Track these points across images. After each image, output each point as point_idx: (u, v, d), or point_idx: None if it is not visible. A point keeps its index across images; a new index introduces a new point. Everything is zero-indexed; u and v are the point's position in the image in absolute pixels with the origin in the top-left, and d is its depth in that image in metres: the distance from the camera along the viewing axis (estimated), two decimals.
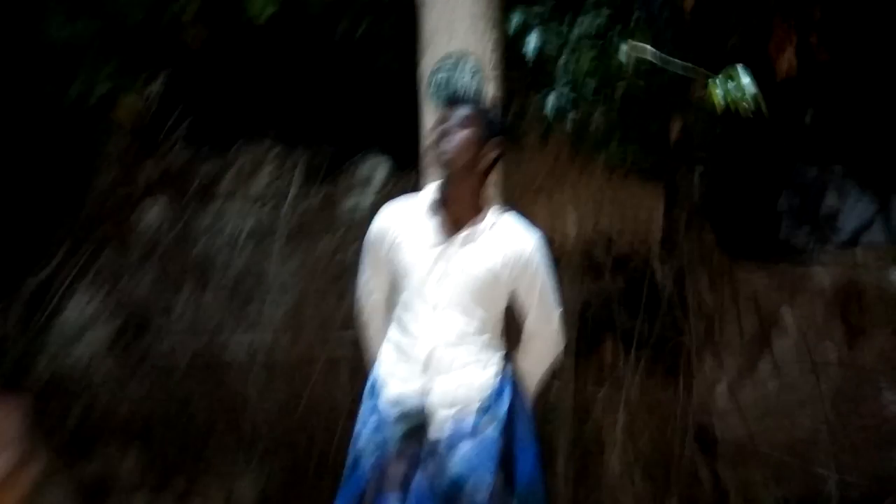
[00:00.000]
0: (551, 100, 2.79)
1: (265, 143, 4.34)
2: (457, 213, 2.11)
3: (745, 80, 1.95)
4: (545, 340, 2.24)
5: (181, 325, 3.81)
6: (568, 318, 3.13)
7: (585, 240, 3.36)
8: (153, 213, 4.28)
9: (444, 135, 2.09)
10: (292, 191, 4.01)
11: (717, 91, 1.93)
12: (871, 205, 4.46)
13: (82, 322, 3.99)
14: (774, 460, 3.24)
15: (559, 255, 3.39)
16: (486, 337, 2.16)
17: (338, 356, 3.39)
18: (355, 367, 2.97)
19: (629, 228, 3.26)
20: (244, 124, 4.40)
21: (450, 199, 2.12)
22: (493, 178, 2.38)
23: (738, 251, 3.40)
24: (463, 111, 2.11)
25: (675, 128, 2.94)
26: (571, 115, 2.85)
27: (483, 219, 2.12)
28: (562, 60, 2.71)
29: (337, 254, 3.36)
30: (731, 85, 1.93)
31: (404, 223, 2.15)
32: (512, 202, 2.60)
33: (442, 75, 2.44)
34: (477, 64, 2.42)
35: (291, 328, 3.62)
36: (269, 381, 3.60)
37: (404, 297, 2.17)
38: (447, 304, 2.10)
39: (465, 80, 2.41)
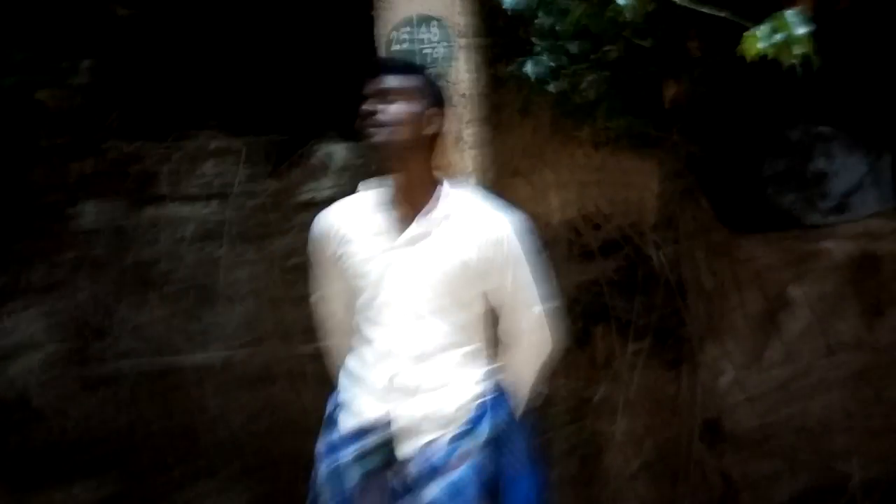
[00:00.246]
0: (529, 67, 2.39)
1: (206, 132, 3.90)
2: (409, 201, 1.80)
3: (801, 29, 1.58)
4: (530, 344, 1.89)
5: (126, 340, 3.38)
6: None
7: (571, 222, 3.00)
8: (89, 216, 3.82)
9: (368, 115, 1.74)
10: (238, 185, 3.58)
11: (760, 44, 1.55)
12: (862, 166, 4.18)
13: (16, 340, 3.54)
14: (789, 453, 2.95)
15: (543, 241, 3.04)
16: (462, 350, 1.81)
17: (302, 370, 3.00)
18: (321, 381, 2.61)
19: (620, 207, 2.90)
20: (182, 111, 3.96)
21: (396, 186, 1.80)
22: (464, 157, 1.99)
23: (738, 224, 3.06)
24: (389, 82, 1.76)
25: (670, 91, 2.57)
26: (553, 85, 2.46)
27: (440, 201, 1.80)
28: (543, 20, 2.31)
29: (293, 256, 2.95)
30: (778, 36, 1.55)
31: (349, 223, 1.85)
32: (488, 184, 2.22)
33: (400, 44, 2.03)
34: (444, 28, 2.02)
35: (248, 340, 3.21)
36: (226, 399, 3.21)
37: (361, 305, 1.81)
38: (411, 311, 1.78)
39: (430, 48, 2.01)
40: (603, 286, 2.98)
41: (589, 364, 3.07)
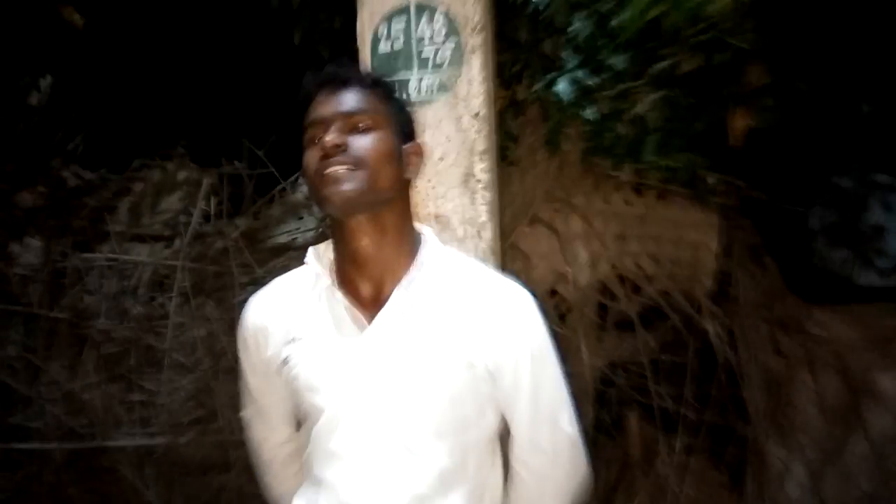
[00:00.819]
0: (561, 87, 1.79)
1: (172, 162, 3.32)
2: (380, 275, 1.24)
3: None
4: (553, 472, 1.27)
5: (55, 410, 2.74)
6: (581, 395, 2.13)
7: (604, 283, 2.37)
8: (30, 255, 3.21)
9: (328, 151, 1.17)
10: (205, 223, 2.97)
11: None
12: None
13: None
14: None
15: (566, 306, 2.42)
16: (466, 491, 1.19)
17: None
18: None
19: (667, 267, 2.28)
20: (148, 136, 3.40)
21: (362, 254, 1.23)
22: (475, 199, 1.39)
23: (810, 292, 2.43)
24: (356, 101, 1.21)
25: (738, 124, 1.97)
26: (589, 111, 1.86)
27: (424, 271, 1.24)
28: (579, 27, 1.72)
29: None
30: None
31: (295, 312, 1.27)
32: (501, 235, 1.61)
33: (390, 41, 1.43)
34: (452, 22, 1.43)
35: (198, 416, 2.57)
36: (169, 487, 2.56)
37: (316, 433, 1.22)
38: (392, 440, 1.20)
39: (431, 49, 1.42)
40: (643, 365, 2.34)
41: (620, 462, 2.42)
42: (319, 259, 1.26)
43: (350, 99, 1.18)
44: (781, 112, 2.12)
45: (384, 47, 1.42)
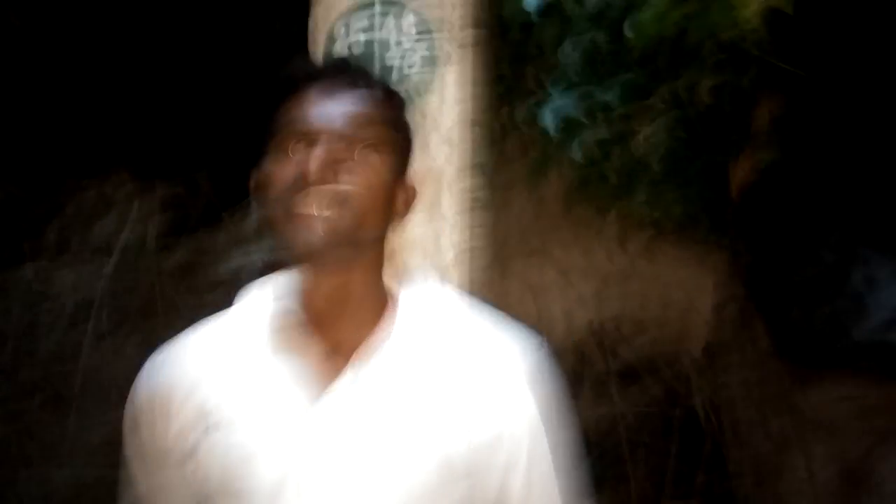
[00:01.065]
0: (547, 116, 1.56)
1: (114, 176, 3.00)
2: (338, 330, 0.95)
3: None
4: None
5: None
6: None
7: (578, 340, 2.12)
8: None
9: (312, 180, 0.89)
10: (143, 246, 2.67)
11: None
12: None
13: None
14: None
15: None
16: None
17: None
18: None
19: (651, 326, 2.03)
20: (85, 147, 3.08)
21: (315, 312, 0.96)
22: (445, 236, 1.13)
23: (802, 358, 2.21)
24: (361, 111, 0.94)
25: (742, 170, 1.75)
26: (577, 144, 1.63)
27: (397, 326, 0.96)
28: (572, 43, 1.49)
29: None
30: None
31: (208, 385, 0.94)
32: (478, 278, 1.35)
33: (348, 41, 1.16)
34: (427, 23, 1.17)
35: (117, 460, 2.22)
36: None
37: None
38: None
39: (400, 55, 1.16)
40: (620, 430, 2.08)
41: None
42: (260, 304, 0.96)
43: (355, 111, 0.92)
44: (789, 157, 1.91)
45: (340, 49, 1.16)
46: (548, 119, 1.55)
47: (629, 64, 1.51)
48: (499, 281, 2.08)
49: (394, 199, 0.96)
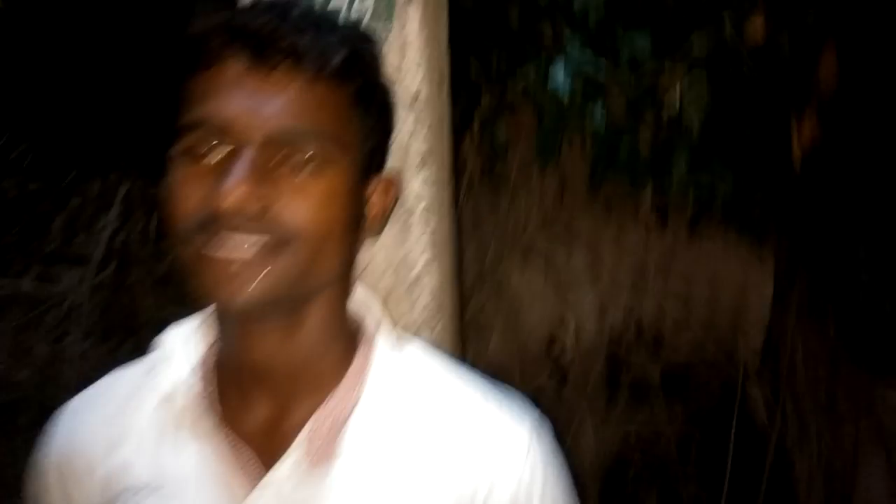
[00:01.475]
0: (559, 78, 1.27)
1: (115, 173, 2.84)
2: (280, 394, 0.69)
3: None
4: None
5: None
6: (585, 478, 1.59)
7: (616, 336, 1.83)
8: None
9: (228, 213, 0.60)
10: (143, 246, 2.49)
11: None
12: None
13: None
14: None
15: (566, 362, 1.87)
16: None
17: None
18: None
19: (700, 318, 1.72)
20: (89, 144, 2.92)
21: (256, 367, 0.69)
22: (410, 237, 0.86)
23: (876, 364, 1.86)
24: (302, 100, 0.63)
25: (804, 134, 1.42)
26: (599, 113, 1.34)
27: (365, 387, 0.70)
28: None
29: None
30: None
31: (123, 449, 0.71)
32: (453, 288, 1.08)
33: None
34: None
35: None
36: None
37: None
38: None
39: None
40: (667, 440, 1.78)
41: None
42: (185, 349, 0.71)
43: (291, 101, 0.61)
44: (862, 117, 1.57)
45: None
46: (560, 79, 1.25)
47: (661, 4, 1.21)
48: (520, 264, 1.81)
49: (362, 213, 0.68)
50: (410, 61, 0.91)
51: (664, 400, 1.74)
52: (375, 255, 0.92)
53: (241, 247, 0.59)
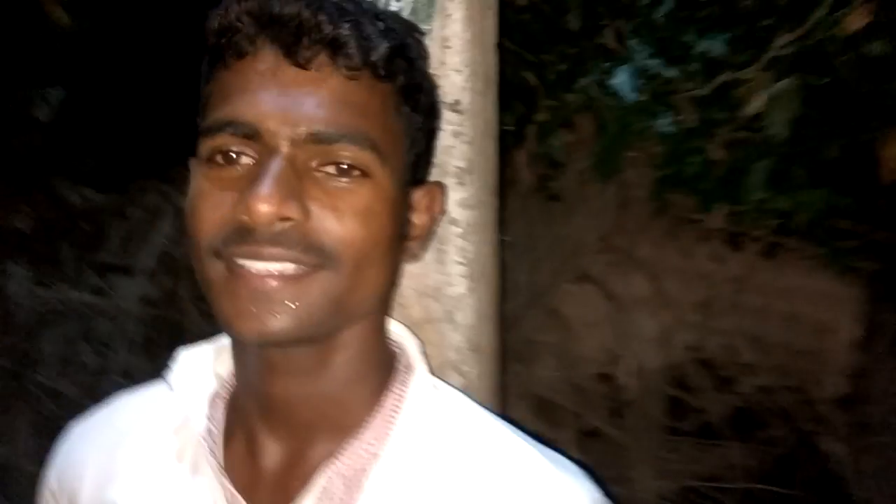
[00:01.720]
0: (623, 79, 1.13)
1: (167, 188, 2.83)
2: (298, 432, 0.60)
3: None
4: None
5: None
6: None
7: (676, 371, 1.66)
8: (12, 285, 2.77)
9: (258, 228, 0.52)
10: (148, 258, 2.45)
11: None
12: None
13: None
14: None
15: (622, 399, 1.71)
16: None
17: None
18: None
19: (775, 354, 1.54)
20: (149, 151, 2.92)
21: (275, 402, 0.59)
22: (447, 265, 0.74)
23: None
24: (343, 98, 0.54)
25: (893, 151, 1.23)
26: (666, 121, 1.19)
27: (389, 433, 0.60)
28: None
29: None
30: None
31: (120, 481, 0.64)
32: (493, 319, 0.95)
33: None
34: None
35: None
36: None
37: None
38: None
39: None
40: (734, 494, 1.59)
41: None
42: (194, 380, 0.64)
43: (329, 100, 0.53)
44: None
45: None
46: (624, 80, 1.10)
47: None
48: (574, 289, 1.66)
49: (405, 229, 0.59)
50: (451, 65, 0.78)
51: (731, 447, 1.55)
52: (403, 285, 0.80)
53: (269, 268, 0.51)
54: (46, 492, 0.69)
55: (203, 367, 0.63)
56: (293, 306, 0.51)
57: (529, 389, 1.44)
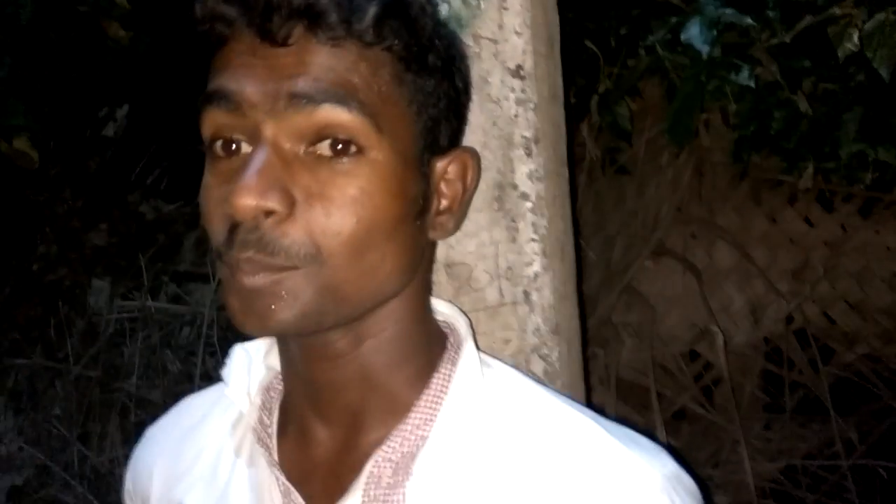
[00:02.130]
0: (696, 31, 1.04)
1: None
2: (344, 419, 0.58)
3: None
4: None
5: (83, 483, 2.31)
6: None
7: (777, 336, 1.56)
8: (97, 299, 2.87)
9: (241, 223, 0.50)
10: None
11: None
12: None
13: None
14: None
15: (712, 377, 1.61)
16: None
17: None
18: None
19: (875, 327, 1.41)
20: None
21: (315, 388, 0.58)
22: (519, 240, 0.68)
23: None
24: (324, 68, 0.50)
25: None
26: (746, 74, 1.10)
27: (432, 413, 0.56)
28: None
29: None
30: None
31: (186, 476, 0.64)
32: (573, 298, 0.89)
33: None
34: None
35: None
36: None
37: None
38: None
39: None
40: (838, 472, 1.48)
41: None
42: (247, 375, 0.62)
43: (310, 73, 0.50)
44: None
45: None
46: (695, 33, 1.02)
47: None
48: (652, 266, 1.56)
49: (424, 203, 0.55)
50: (510, 27, 0.73)
51: (834, 423, 1.44)
52: (474, 266, 0.75)
53: (261, 263, 0.49)
54: (125, 495, 0.71)
55: (255, 361, 0.63)
56: (286, 299, 0.50)
57: (611, 373, 1.37)
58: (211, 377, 2.12)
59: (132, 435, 2.20)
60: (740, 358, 1.56)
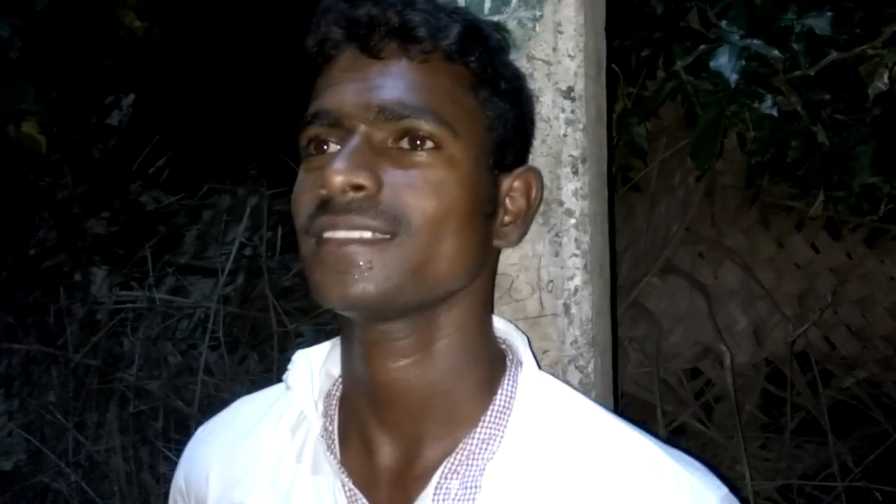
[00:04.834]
0: (724, 61, 1.08)
1: (246, 184, 2.88)
2: (408, 429, 0.60)
3: None
4: None
5: (78, 471, 2.30)
6: None
7: (780, 359, 1.60)
8: (94, 287, 2.84)
9: (334, 198, 0.56)
10: (270, 258, 2.48)
11: None
12: None
13: None
14: None
15: (714, 395, 1.64)
16: None
17: None
18: None
19: (874, 353, 1.45)
20: (222, 154, 2.99)
21: (380, 391, 0.60)
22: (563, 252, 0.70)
23: None
24: (412, 78, 0.58)
25: None
26: (768, 104, 1.14)
27: (496, 425, 0.59)
28: None
29: None
30: None
31: (243, 480, 0.65)
32: (608, 310, 0.92)
33: None
34: None
35: None
36: None
37: None
38: None
39: None
40: (835, 493, 1.52)
41: None
42: (309, 381, 0.64)
43: (399, 81, 0.57)
44: None
45: None
46: (724, 61, 1.06)
47: None
48: (659, 283, 1.60)
49: (491, 210, 0.60)
50: (563, 51, 0.76)
51: (831, 445, 1.48)
52: (515, 277, 0.77)
53: (348, 236, 0.54)
54: (175, 492, 0.71)
55: (316, 367, 0.64)
56: (372, 269, 0.53)
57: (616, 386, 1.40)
58: (212, 371, 2.13)
59: (130, 425, 2.19)
60: (741, 377, 1.59)
